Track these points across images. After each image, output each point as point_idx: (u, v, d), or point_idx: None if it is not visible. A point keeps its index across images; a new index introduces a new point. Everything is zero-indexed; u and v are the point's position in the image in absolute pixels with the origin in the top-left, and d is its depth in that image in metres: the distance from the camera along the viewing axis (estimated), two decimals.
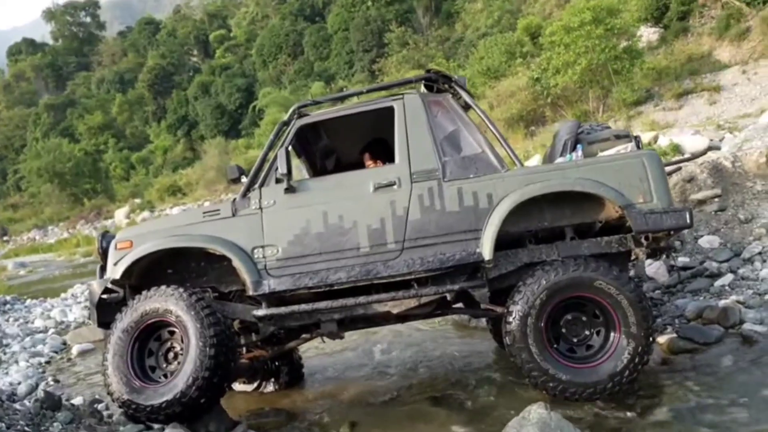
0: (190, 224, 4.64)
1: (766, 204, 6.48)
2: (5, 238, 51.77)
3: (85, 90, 77.14)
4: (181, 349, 4.46)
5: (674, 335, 5.02)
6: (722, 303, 5.20)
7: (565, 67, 22.76)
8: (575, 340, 4.28)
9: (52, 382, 7.23)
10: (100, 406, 5.87)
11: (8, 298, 15.29)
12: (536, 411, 3.37)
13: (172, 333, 4.58)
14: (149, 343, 4.60)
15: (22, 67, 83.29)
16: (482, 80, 29.01)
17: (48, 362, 8.54)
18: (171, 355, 4.59)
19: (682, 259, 6.30)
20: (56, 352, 9.04)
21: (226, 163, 44.30)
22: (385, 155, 5.16)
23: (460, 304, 4.99)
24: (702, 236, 6.53)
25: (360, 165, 5.41)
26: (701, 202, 6.84)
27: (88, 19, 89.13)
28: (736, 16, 30.57)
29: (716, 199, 6.78)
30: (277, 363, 5.72)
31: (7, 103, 78.48)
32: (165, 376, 4.51)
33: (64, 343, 9.48)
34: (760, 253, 5.97)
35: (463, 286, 4.39)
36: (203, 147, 51.61)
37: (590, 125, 5.14)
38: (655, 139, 14.81)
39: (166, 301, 4.41)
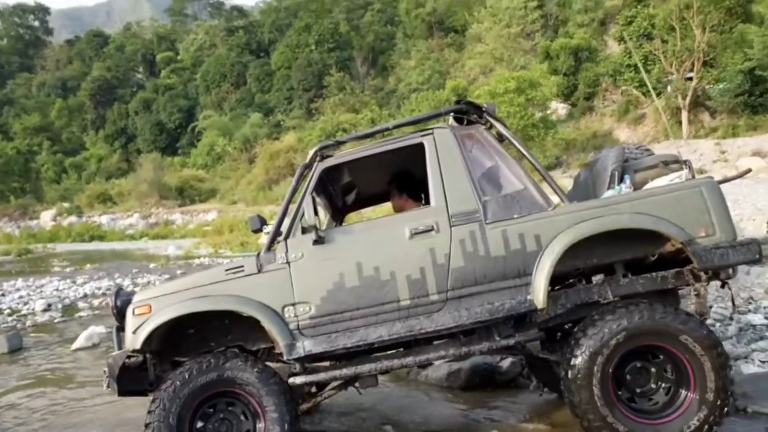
0: (211, 283, 3.83)
1: None
2: None
3: (25, 91, 73.24)
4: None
5: None
6: None
7: None
8: (638, 390, 3.65)
9: None
10: None
11: None
12: None
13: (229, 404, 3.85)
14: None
15: None
16: (412, 131, 29.38)
17: None
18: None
19: None
20: None
21: (160, 177, 42.73)
22: (412, 187, 4.55)
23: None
24: None
25: (381, 197, 4.94)
26: None
27: (36, 23, 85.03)
28: (634, 103, 32.10)
29: None
30: None
31: None
32: None
33: None
34: None
35: (521, 341, 3.75)
36: (139, 160, 49.46)
37: (629, 149, 4.44)
38: None
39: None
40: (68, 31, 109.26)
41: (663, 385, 3.61)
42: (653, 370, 3.63)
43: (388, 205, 5.61)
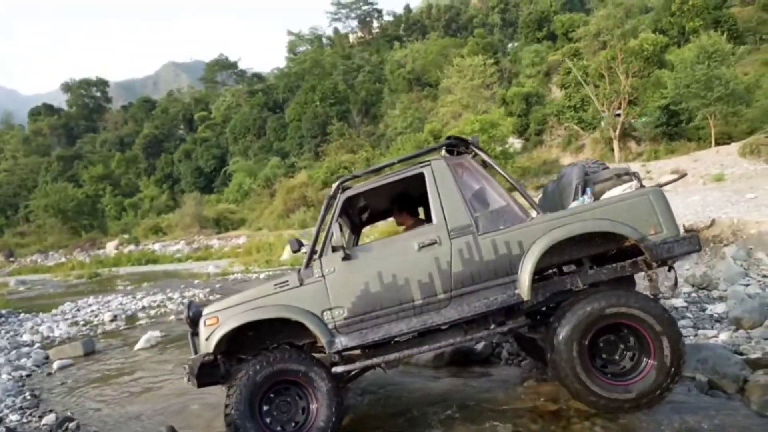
0: (264, 296, 3.84)
1: None
2: (11, 259, 47.06)
3: (90, 147, 73.36)
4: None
5: None
6: None
7: None
8: (610, 358, 3.68)
9: (29, 397, 6.04)
10: (71, 425, 4.86)
11: (4, 311, 13.46)
12: None
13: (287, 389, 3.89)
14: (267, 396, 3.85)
15: (41, 126, 78.60)
16: (399, 167, 29.40)
17: (29, 375, 7.23)
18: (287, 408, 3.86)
19: None
20: (38, 366, 7.67)
21: (200, 211, 42.67)
22: (410, 206, 4.63)
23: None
24: None
25: (388, 213, 4.99)
26: None
27: (98, 94, 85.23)
28: (575, 136, 32.37)
29: None
30: None
31: (24, 152, 73.18)
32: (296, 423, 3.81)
33: (47, 357, 8.10)
34: None
35: (512, 327, 3.78)
36: (183, 198, 49.42)
37: (588, 165, 4.37)
38: None
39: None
40: (123, 98, 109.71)
41: (628, 353, 3.63)
42: (620, 341, 3.65)
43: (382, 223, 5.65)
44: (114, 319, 11.36)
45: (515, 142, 33.10)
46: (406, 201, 4.62)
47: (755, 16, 35.94)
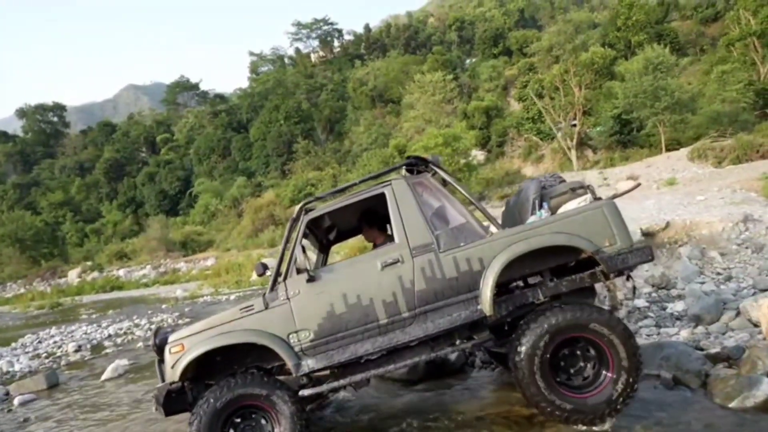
0: (230, 321, 3.79)
1: None
2: None
3: (49, 173, 70.81)
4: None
5: None
6: None
7: None
8: (572, 371, 3.70)
9: None
10: None
11: None
12: None
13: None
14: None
15: None
16: (360, 187, 29.58)
17: None
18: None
19: None
20: None
21: (166, 234, 41.66)
22: (378, 221, 4.61)
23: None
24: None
25: (356, 230, 4.96)
26: None
27: (55, 119, 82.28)
28: (535, 147, 33.17)
29: None
30: None
31: None
32: None
33: (7, 393, 7.69)
34: None
35: (476, 343, 3.81)
36: (147, 222, 48.17)
37: (545, 178, 4.45)
38: None
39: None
40: (82, 122, 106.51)
41: (588, 364, 3.68)
42: (579, 352, 3.70)
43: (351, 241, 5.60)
44: (78, 349, 10.91)
45: (478, 154, 33.65)
46: (373, 217, 4.62)
47: (694, 29, 37.81)
